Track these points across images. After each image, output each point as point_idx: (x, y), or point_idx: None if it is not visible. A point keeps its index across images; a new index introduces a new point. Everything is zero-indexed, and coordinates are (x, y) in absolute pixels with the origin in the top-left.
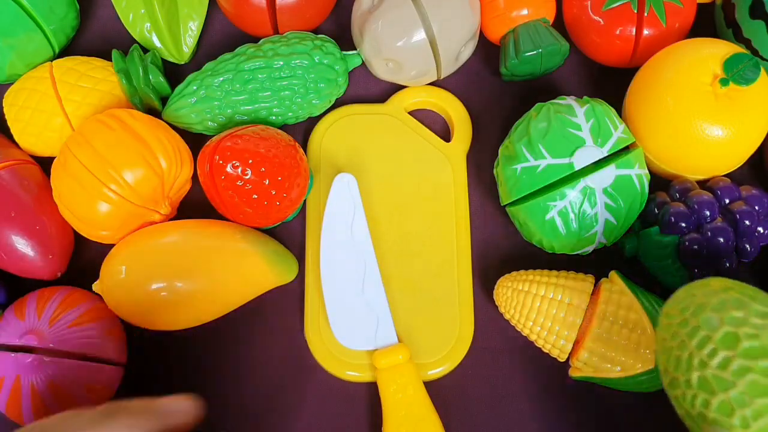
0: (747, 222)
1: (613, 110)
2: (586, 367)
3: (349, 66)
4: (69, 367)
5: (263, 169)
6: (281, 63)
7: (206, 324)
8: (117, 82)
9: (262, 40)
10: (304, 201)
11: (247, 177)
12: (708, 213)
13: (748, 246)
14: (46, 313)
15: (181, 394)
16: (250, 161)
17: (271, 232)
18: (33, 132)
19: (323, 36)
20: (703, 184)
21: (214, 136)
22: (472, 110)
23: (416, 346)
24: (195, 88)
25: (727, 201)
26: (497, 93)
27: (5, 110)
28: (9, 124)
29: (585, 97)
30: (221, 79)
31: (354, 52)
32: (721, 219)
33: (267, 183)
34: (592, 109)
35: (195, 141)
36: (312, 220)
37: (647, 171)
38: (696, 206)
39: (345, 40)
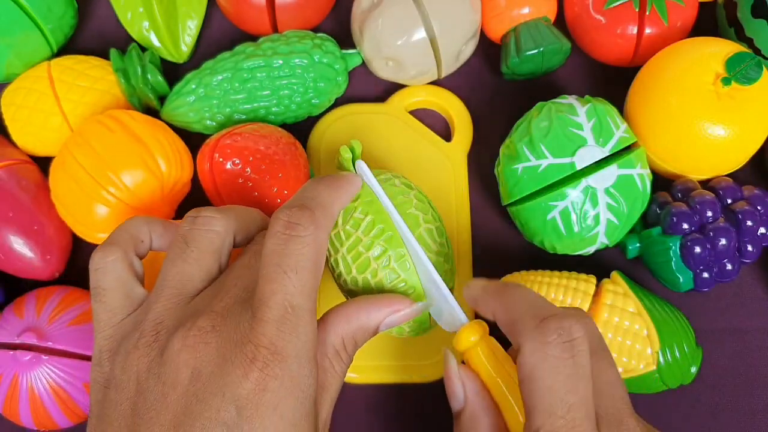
0: (749, 222)
1: (615, 109)
2: None
3: (348, 65)
4: (67, 365)
5: (264, 166)
6: (280, 62)
7: None
8: (115, 81)
9: (261, 39)
10: None
11: (248, 174)
12: (710, 213)
13: (750, 246)
14: (45, 311)
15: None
16: (251, 158)
17: None
18: (31, 131)
19: (323, 35)
20: (705, 183)
21: (212, 134)
22: (472, 109)
23: (415, 347)
24: (194, 86)
25: (729, 201)
26: (498, 92)
27: (3, 109)
28: (7, 123)
29: (586, 96)
30: (220, 77)
31: (354, 50)
32: (724, 219)
33: (268, 180)
34: (593, 109)
35: (194, 140)
36: None
37: (649, 171)
38: (698, 206)
39: (345, 38)
